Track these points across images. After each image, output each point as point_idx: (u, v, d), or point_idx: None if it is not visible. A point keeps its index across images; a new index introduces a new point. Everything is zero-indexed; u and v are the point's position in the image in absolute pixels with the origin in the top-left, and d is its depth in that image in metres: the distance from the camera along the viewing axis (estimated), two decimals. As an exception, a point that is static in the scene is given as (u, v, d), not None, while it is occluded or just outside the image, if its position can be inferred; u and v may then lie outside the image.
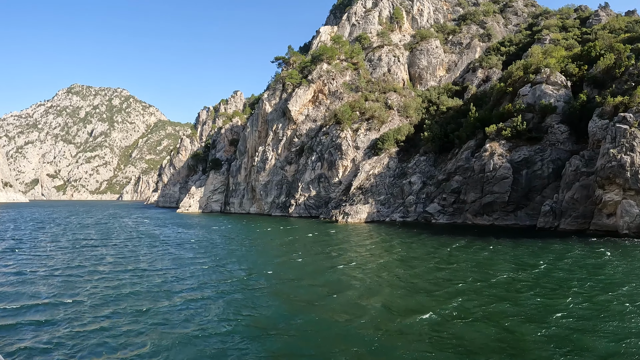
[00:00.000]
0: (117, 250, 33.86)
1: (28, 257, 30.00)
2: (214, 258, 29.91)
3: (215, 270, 25.45)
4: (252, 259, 30.64)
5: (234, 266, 26.85)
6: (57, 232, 49.37)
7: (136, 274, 24.16)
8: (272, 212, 77.20)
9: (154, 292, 19.98)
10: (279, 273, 24.43)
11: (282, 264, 27.73)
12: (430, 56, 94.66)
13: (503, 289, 19.77)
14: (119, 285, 21.27)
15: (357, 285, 21.07)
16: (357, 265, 26.50)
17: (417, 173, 61.51)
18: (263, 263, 28.53)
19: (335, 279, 22.71)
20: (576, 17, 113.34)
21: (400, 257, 29.76)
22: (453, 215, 54.91)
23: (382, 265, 26.59)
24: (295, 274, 24.04)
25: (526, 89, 61.46)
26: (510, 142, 56.02)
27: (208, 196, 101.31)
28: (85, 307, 17.36)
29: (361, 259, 29.23)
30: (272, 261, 29.15)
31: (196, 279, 22.73)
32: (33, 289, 20.43)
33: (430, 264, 26.68)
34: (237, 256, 31.08)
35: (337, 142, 68.56)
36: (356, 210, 56.44)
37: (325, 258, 29.81)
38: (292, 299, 18.77)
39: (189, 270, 25.14)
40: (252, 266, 27.34)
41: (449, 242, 36.76)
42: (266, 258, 30.97)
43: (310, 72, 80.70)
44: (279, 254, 32.59)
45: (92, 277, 22.98)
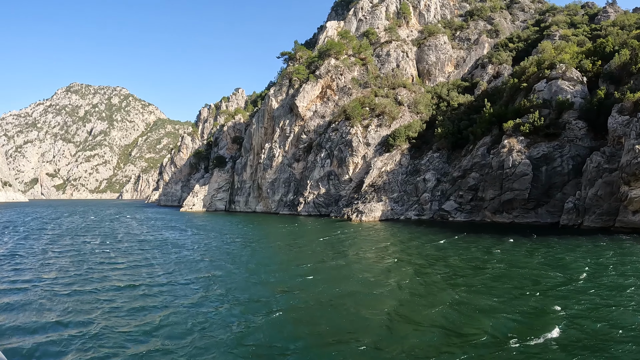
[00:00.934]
0: (130, 260, 29.20)
1: (29, 267, 26.33)
2: (244, 270, 25.30)
3: (248, 289, 20.74)
4: (291, 271, 25.18)
5: (271, 283, 21.94)
6: (58, 235, 45.52)
7: (157, 291, 20.11)
8: (280, 211, 75.44)
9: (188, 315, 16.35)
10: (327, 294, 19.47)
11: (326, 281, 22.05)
12: (438, 52, 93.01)
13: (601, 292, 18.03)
14: (141, 305, 17.83)
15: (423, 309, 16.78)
16: (405, 281, 21.79)
17: (430, 170, 59.86)
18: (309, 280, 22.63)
19: (396, 303, 17.92)
20: (584, 13, 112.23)
21: (448, 268, 25.07)
22: (471, 213, 53.37)
23: (435, 282, 21.49)
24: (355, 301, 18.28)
25: (542, 84, 60.38)
26: (528, 139, 54.94)
27: (212, 195, 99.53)
28: (100, 329, 14.79)
29: (406, 271, 24.45)
30: (317, 275, 23.67)
31: (221, 295, 19.35)
32: (37, 307, 17.62)
33: (484, 274, 22.89)
34: (271, 269, 25.67)
35: (347, 139, 66.85)
36: (370, 209, 54.75)
37: (372, 266, 26.05)
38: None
39: (215, 286, 21.11)
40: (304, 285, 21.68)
41: (482, 242, 34.77)
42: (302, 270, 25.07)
43: (318, 67, 78.95)
44: (314, 268, 25.92)
45: (105, 295, 19.44)
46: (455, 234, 40.22)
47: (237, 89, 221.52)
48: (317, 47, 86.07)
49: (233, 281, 22.30)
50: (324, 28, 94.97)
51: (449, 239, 37.37)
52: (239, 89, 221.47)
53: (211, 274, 24.14)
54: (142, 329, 14.61)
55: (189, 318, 15.83)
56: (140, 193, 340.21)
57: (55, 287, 20.76)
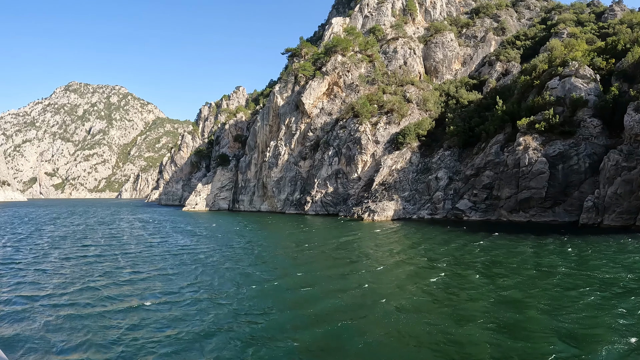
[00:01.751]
0: (142, 270, 25.20)
1: (29, 280, 22.61)
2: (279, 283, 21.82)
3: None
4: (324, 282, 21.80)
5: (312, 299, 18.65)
6: (59, 239, 41.33)
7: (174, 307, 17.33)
8: (286, 210, 73.91)
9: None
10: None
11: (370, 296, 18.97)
12: (445, 49, 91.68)
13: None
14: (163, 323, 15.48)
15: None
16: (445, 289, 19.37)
17: (442, 168, 58.51)
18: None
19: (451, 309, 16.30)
20: (590, 12, 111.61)
21: (484, 267, 23.24)
22: (486, 212, 52.09)
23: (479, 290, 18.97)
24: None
25: (555, 82, 59.55)
26: (543, 136, 54.13)
27: (215, 193, 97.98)
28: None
29: (443, 275, 22.13)
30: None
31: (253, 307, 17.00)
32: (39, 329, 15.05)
33: (525, 276, 20.88)
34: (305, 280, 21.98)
35: (355, 136, 65.41)
36: (382, 208, 53.30)
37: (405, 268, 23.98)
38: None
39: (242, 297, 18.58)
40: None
41: (522, 243, 33.17)
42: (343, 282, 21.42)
43: (324, 64, 77.49)
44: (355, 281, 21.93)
45: (120, 318, 16.49)
46: (487, 234, 38.36)
47: (238, 87, 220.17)
48: (323, 44, 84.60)
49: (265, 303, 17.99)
50: (330, 24, 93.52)
51: (485, 239, 35.45)
52: (240, 87, 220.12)
53: (240, 291, 20.05)
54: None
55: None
56: (139, 192, 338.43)
57: (59, 308, 17.45)
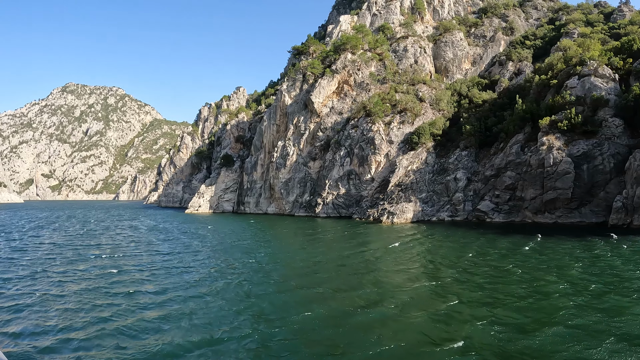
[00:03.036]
0: (162, 288, 20.93)
1: (27, 304, 18.59)
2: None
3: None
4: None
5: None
6: (59, 247, 36.41)
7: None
8: (295, 212, 71.48)
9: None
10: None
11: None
12: (455, 48, 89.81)
13: None
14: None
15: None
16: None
17: (460, 169, 56.43)
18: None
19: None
20: (598, 12, 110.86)
21: (564, 276, 20.89)
22: (509, 214, 50.10)
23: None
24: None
25: (574, 81, 58.74)
26: (565, 136, 53.02)
27: (219, 195, 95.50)
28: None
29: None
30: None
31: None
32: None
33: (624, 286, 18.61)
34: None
35: (369, 136, 63.20)
36: (402, 210, 51.02)
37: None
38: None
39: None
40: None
41: (568, 245, 31.13)
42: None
43: (334, 62, 75.33)
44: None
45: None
46: (528, 237, 36.18)
47: (238, 88, 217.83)
48: (332, 41, 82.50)
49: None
50: (338, 22, 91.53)
51: (531, 242, 33.28)
52: (240, 87, 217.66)
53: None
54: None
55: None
56: (136, 194, 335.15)
57: (68, 340, 14.22)
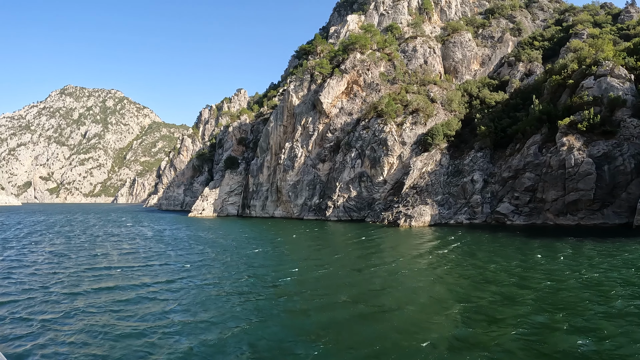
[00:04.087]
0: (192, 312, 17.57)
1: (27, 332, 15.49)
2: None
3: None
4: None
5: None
6: (62, 256, 32.59)
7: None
8: (304, 216, 69.55)
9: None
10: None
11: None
12: (464, 49, 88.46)
13: None
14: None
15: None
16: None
17: (476, 170, 54.84)
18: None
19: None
20: (605, 13, 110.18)
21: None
22: (530, 216, 48.57)
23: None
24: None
25: (590, 81, 57.89)
26: (584, 137, 51.72)
27: (224, 198, 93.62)
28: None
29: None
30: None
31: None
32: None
33: None
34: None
35: (381, 137, 61.53)
36: (419, 213, 49.28)
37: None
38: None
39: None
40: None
41: (597, 248, 29.48)
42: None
43: (342, 61, 73.76)
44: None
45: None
46: (563, 241, 34.30)
47: (239, 90, 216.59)
48: (340, 41, 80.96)
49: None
50: (345, 22, 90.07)
51: (567, 245, 31.46)
52: (241, 89, 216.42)
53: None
54: None
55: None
56: (135, 197, 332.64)
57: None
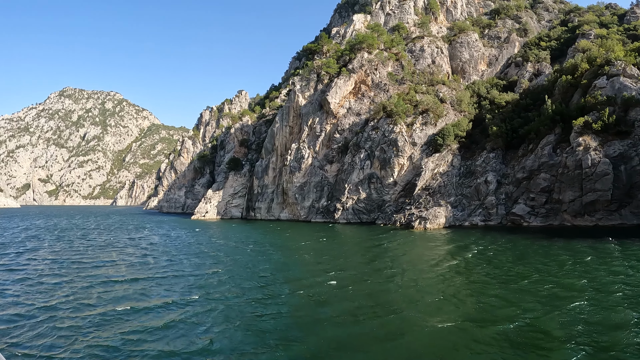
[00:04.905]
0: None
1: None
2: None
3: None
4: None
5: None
6: (64, 265, 29.64)
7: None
8: (312, 218, 68.22)
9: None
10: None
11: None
12: (471, 49, 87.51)
13: None
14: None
15: None
16: None
17: (489, 171, 53.69)
18: None
19: None
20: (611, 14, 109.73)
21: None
22: (547, 217, 47.49)
23: None
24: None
25: (602, 81, 57.24)
26: (599, 137, 50.81)
27: (227, 201, 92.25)
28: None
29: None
30: None
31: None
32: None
33: None
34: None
35: (391, 138, 60.36)
36: (434, 215, 48.08)
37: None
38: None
39: None
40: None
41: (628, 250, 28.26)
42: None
43: (350, 61, 72.68)
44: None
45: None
46: (586, 243, 33.17)
47: (240, 91, 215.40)
48: (346, 40, 79.91)
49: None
50: (352, 21, 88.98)
51: (592, 252, 29.69)
52: (242, 91, 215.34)
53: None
54: None
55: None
56: (134, 199, 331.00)
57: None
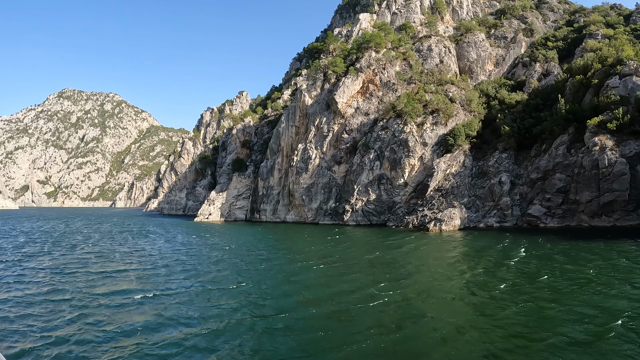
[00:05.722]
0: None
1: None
2: None
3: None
4: None
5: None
6: (67, 274, 27.25)
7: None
8: (320, 220, 66.92)
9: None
10: None
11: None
12: (478, 49, 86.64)
13: None
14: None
15: None
16: None
17: (502, 172, 52.66)
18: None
19: None
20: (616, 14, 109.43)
21: None
22: (564, 218, 46.50)
23: None
24: None
25: (615, 81, 56.62)
26: (614, 136, 50.06)
27: (231, 202, 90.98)
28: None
29: None
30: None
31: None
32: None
33: None
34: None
35: (401, 138, 59.29)
36: (449, 216, 46.96)
37: None
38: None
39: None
40: None
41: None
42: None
43: (357, 60, 71.65)
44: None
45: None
46: (614, 244, 32.31)
47: (241, 92, 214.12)
48: (353, 39, 78.93)
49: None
50: (357, 20, 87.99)
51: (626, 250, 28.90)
52: (243, 92, 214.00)
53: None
54: None
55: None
56: (134, 201, 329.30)
57: None
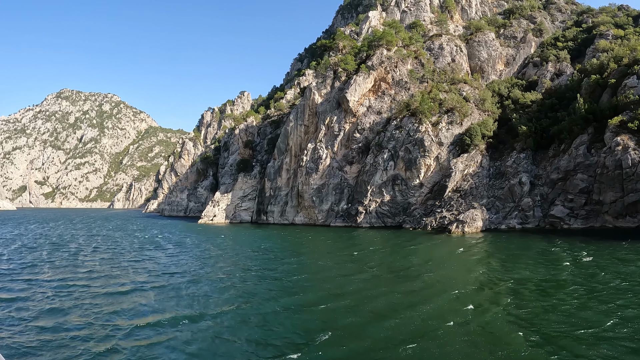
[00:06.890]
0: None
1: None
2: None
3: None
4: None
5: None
6: (71, 286, 24.73)
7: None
8: (331, 222, 65.10)
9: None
10: None
11: None
12: (489, 49, 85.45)
13: None
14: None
15: None
16: None
17: (521, 172, 51.28)
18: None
19: None
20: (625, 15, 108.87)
21: None
22: (587, 219, 45.20)
23: None
24: None
25: (633, 80, 56.16)
26: (636, 136, 49.14)
27: (236, 204, 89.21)
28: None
29: None
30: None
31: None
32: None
33: None
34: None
35: (416, 137, 57.84)
36: (472, 218, 45.48)
37: None
38: None
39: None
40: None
41: None
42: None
43: (368, 57, 70.23)
44: None
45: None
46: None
47: (243, 92, 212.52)
48: (363, 37, 77.57)
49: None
50: (367, 17, 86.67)
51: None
52: (244, 92, 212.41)
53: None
54: None
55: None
56: (132, 202, 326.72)
57: None
